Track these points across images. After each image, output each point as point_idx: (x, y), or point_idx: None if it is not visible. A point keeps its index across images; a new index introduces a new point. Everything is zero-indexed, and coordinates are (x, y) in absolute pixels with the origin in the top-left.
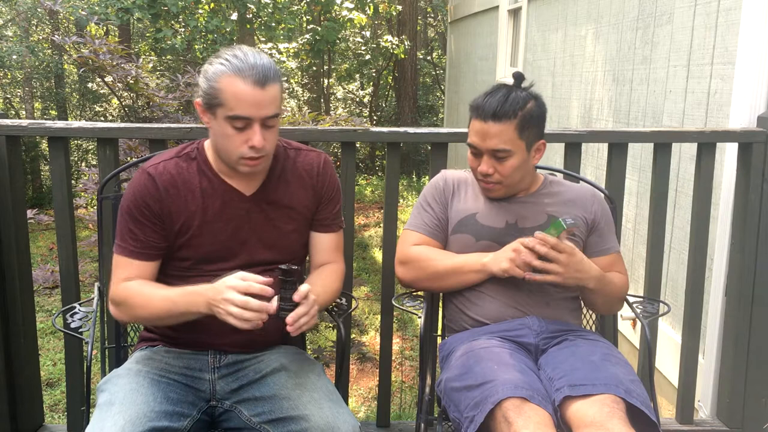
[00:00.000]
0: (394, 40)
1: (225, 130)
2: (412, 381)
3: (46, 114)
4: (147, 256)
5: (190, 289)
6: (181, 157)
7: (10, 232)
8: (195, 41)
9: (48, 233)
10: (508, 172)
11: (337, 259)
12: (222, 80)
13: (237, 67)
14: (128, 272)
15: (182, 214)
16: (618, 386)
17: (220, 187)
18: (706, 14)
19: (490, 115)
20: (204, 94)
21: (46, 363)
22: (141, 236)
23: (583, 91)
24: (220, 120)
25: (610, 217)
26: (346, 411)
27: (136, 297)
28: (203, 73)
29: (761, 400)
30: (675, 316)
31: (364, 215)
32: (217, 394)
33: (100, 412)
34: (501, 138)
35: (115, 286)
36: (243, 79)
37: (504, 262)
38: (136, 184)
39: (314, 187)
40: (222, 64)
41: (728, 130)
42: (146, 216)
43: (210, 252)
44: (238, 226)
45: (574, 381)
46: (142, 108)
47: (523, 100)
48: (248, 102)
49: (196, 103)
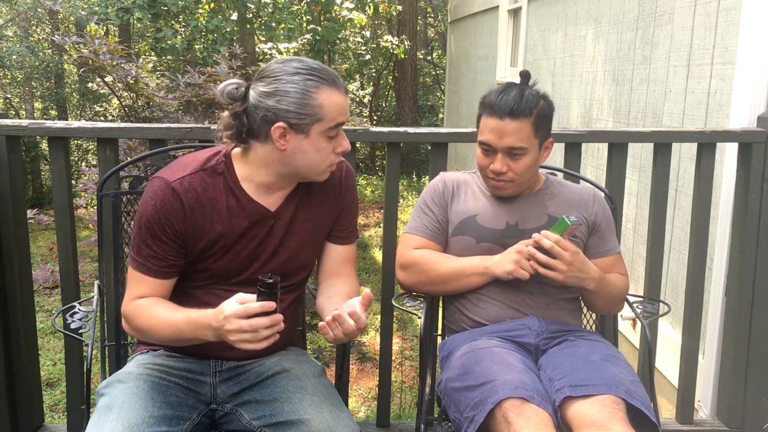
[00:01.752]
0: (394, 40)
1: (319, 145)
2: (412, 381)
3: (46, 114)
4: (164, 275)
5: (194, 317)
6: (206, 170)
7: (10, 232)
8: (195, 41)
9: (48, 233)
10: (521, 170)
11: (348, 273)
12: (319, 94)
13: (327, 77)
14: (142, 289)
15: (207, 234)
16: (618, 387)
17: (248, 206)
18: (706, 14)
19: (507, 112)
20: (294, 115)
21: (46, 363)
22: (160, 254)
23: (583, 91)
24: (314, 136)
25: (611, 217)
26: (347, 415)
27: (146, 318)
28: (285, 94)
29: (761, 400)
30: (675, 316)
31: (364, 215)
32: (218, 398)
33: (99, 416)
34: (518, 136)
35: (127, 302)
36: (337, 88)
37: (508, 264)
38: (159, 199)
39: (336, 198)
40: (309, 78)
41: (728, 130)
42: (168, 234)
43: (227, 268)
44: (260, 243)
45: (574, 381)
46: (142, 108)
47: (535, 98)
48: (343, 109)
49: (279, 126)
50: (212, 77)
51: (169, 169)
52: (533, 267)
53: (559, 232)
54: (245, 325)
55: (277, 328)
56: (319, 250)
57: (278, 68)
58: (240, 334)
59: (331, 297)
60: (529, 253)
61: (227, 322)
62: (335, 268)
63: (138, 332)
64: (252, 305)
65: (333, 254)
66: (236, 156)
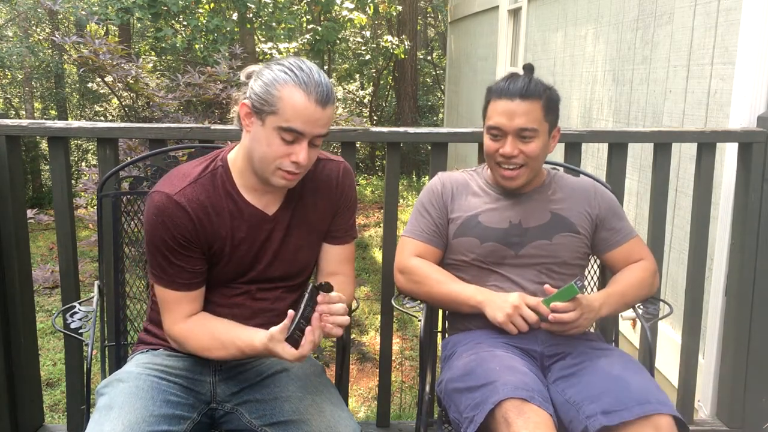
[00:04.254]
0: (394, 40)
1: (270, 139)
2: (412, 381)
3: (45, 114)
4: (196, 285)
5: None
6: (205, 177)
7: (10, 232)
8: (195, 41)
9: (48, 233)
10: (533, 153)
11: (347, 272)
12: (283, 89)
13: (303, 80)
14: (183, 308)
15: (215, 240)
16: (650, 402)
17: (246, 210)
18: (706, 14)
19: (517, 93)
20: (257, 97)
21: (46, 363)
22: (186, 266)
23: (583, 90)
24: (268, 128)
25: (616, 205)
26: (347, 415)
27: (199, 346)
28: (259, 76)
29: (761, 400)
30: (675, 316)
31: (364, 215)
32: (218, 397)
33: (99, 415)
34: (529, 117)
35: (172, 325)
36: (307, 94)
37: (500, 314)
38: (166, 215)
39: (333, 198)
40: (286, 73)
41: (728, 130)
42: (184, 246)
43: (232, 271)
44: (261, 247)
45: (605, 407)
46: (142, 108)
47: (542, 84)
48: (306, 118)
49: (243, 104)
50: (212, 77)
51: (168, 181)
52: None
53: (565, 299)
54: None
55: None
56: (318, 250)
57: (279, 60)
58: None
59: None
60: (524, 319)
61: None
62: (333, 268)
63: (196, 352)
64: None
65: (331, 254)
66: (232, 160)
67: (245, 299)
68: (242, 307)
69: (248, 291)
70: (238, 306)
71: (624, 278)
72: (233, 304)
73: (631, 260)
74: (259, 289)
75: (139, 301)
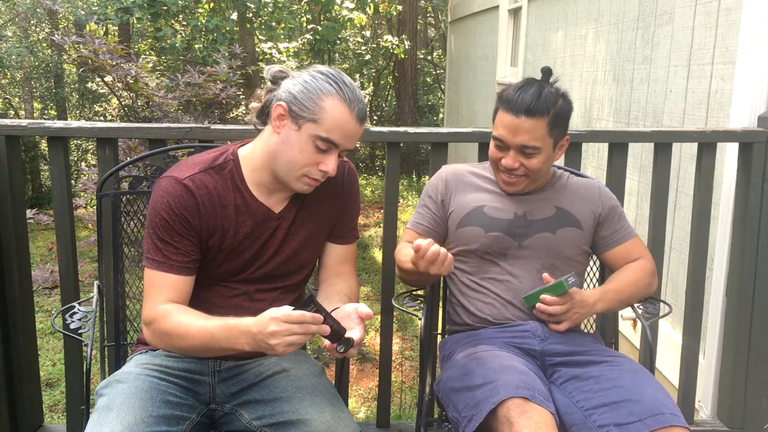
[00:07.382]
0: (394, 40)
1: (304, 146)
2: (412, 381)
3: (45, 114)
4: (186, 271)
5: (232, 324)
6: (214, 168)
7: (10, 232)
8: (195, 41)
9: (48, 233)
10: (534, 167)
11: (348, 272)
12: (327, 100)
13: (348, 96)
14: (166, 292)
15: (217, 232)
16: (663, 414)
17: (253, 206)
18: (707, 14)
19: (523, 110)
20: (297, 102)
21: (45, 363)
22: (181, 248)
23: (583, 90)
24: (303, 134)
25: (618, 205)
26: (347, 415)
27: (174, 324)
28: (302, 83)
29: (761, 400)
30: (675, 316)
31: (364, 215)
32: (217, 398)
33: (98, 416)
34: (532, 135)
35: (152, 307)
36: (351, 109)
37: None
38: (172, 195)
39: (337, 198)
40: (331, 84)
41: (729, 130)
42: (185, 229)
43: (230, 267)
44: (263, 244)
45: (620, 419)
46: (141, 108)
47: (554, 97)
48: (345, 132)
49: (279, 105)
50: (212, 77)
51: (177, 168)
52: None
53: (555, 293)
54: (294, 317)
55: (323, 329)
56: (320, 249)
57: (318, 68)
58: (287, 336)
59: (328, 297)
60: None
61: (273, 323)
62: (335, 268)
63: (164, 337)
64: (306, 314)
65: (333, 254)
66: (243, 155)
67: (243, 300)
68: (240, 309)
69: (247, 292)
70: (237, 307)
71: (621, 276)
72: (231, 306)
73: (630, 260)
74: (257, 290)
75: (139, 301)
